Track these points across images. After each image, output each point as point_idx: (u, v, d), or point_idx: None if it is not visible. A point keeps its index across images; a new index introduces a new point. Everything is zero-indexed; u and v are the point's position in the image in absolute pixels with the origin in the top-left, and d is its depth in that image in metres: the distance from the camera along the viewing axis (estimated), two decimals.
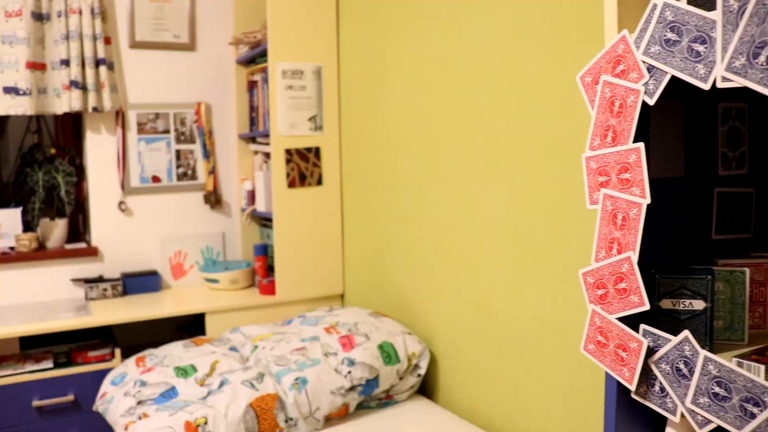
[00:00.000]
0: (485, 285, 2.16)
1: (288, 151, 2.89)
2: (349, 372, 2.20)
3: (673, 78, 0.90)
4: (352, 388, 2.20)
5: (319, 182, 2.98)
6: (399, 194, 2.60)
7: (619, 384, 1.02)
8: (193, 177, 3.33)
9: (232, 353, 2.38)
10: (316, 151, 2.96)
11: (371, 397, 2.28)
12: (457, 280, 2.29)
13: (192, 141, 3.31)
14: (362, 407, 2.28)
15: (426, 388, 2.51)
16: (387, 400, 2.33)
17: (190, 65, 3.29)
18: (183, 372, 2.22)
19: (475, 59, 2.15)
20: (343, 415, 2.22)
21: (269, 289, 2.96)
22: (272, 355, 2.30)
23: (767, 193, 1.23)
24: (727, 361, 0.89)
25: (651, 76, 0.92)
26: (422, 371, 2.36)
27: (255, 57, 3.18)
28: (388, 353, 2.29)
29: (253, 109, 3.28)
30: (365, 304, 2.93)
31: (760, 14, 0.80)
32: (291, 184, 2.91)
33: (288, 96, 2.89)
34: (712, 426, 0.90)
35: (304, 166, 2.93)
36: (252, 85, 3.26)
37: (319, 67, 2.95)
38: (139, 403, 2.10)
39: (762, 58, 0.80)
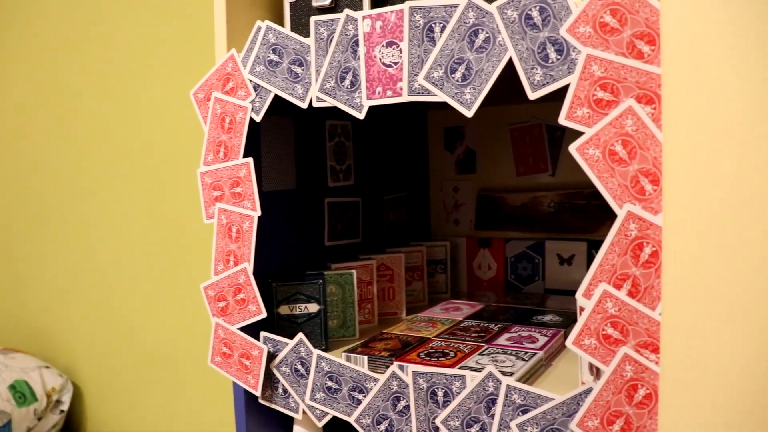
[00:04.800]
0: (125, 307, 2.08)
1: None
2: None
3: (280, 96, 0.96)
4: None
5: None
6: (30, 216, 2.37)
7: (247, 391, 1.05)
8: None
9: None
10: None
11: None
12: (98, 304, 2.17)
13: None
14: None
15: (71, 425, 2.32)
16: None
17: None
18: None
19: (100, 75, 2.06)
20: None
21: None
22: None
23: (371, 201, 1.38)
24: (337, 356, 0.98)
25: (257, 94, 0.97)
26: (65, 407, 2.17)
27: None
28: (21, 393, 2.06)
29: None
30: None
31: (344, 43, 0.90)
32: None
33: None
34: (329, 417, 0.98)
35: None
36: None
37: None
38: None
39: (347, 82, 0.90)
